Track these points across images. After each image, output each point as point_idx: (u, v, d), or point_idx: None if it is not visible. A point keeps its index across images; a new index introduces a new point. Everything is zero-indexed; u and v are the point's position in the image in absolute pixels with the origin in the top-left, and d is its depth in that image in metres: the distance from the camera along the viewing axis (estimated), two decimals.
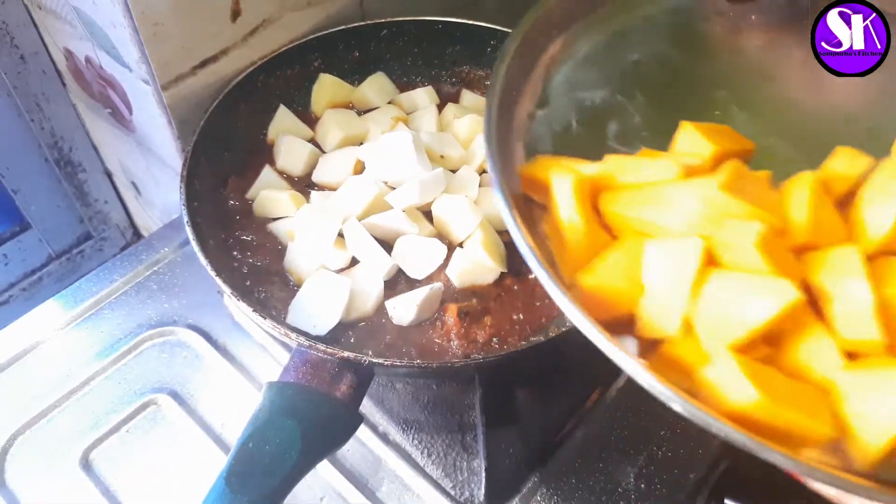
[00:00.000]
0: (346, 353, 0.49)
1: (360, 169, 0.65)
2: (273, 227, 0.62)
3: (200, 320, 0.65)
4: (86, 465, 0.56)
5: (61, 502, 0.54)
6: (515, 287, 0.59)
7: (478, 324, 0.56)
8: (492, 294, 0.58)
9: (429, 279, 0.59)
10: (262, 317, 0.50)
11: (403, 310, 0.55)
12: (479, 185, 0.63)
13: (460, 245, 0.60)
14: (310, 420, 0.46)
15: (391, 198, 0.60)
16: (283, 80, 0.70)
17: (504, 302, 0.58)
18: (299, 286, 0.57)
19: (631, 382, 0.32)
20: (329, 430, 0.48)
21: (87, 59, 0.67)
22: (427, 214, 0.62)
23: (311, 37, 0.70)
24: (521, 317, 0.57)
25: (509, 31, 0.73)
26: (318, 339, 0.52)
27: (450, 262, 0.58)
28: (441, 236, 0.61)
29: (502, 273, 0.59)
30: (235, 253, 0.60)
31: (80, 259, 0.90)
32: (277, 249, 0.60)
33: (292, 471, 0.44)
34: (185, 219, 0.55)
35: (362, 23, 0.72)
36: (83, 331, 0.63)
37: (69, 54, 0.70)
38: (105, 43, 0.61)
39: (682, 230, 0.36)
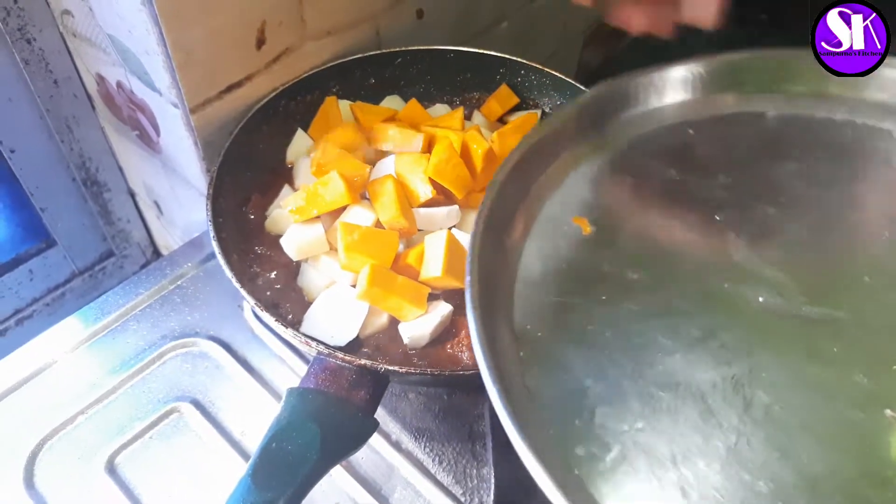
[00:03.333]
0: (363, 361, 0.51)
1: None
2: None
3: (221, 332, 0.67)
4: (111, 469, 0.58)
5: None
6: None
7: None
8: None
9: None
10: (284, 326, 0.53)
11: (418, 335, 0.57)
12: None
13: None
14: (328, 423, 0.49)
15: None
16: (304, 104, 0.73)
17: None
18: (312, 302, 0.59)
19: None
20: (346, 434, 0.50)
21: (119, 84, 0.71)
22: None
23: (330, 64, 0.74)
24: None
25: (517, 59, 0.77)
26: (336, 347, 0.55)
27: None
28: None
29: None
30: (256, 267, 0.62)
31: (101, 276, 0.93)
32: (294, 265, 0.63)
33: (312, 471, 0.47)
34: (212, 234, 0.58)
35: (378, 51, 0.76)
36: (109, 341, 0.66)
37: (101, 79, 0.74)
38: (137, 69, 0.65)
39: None
